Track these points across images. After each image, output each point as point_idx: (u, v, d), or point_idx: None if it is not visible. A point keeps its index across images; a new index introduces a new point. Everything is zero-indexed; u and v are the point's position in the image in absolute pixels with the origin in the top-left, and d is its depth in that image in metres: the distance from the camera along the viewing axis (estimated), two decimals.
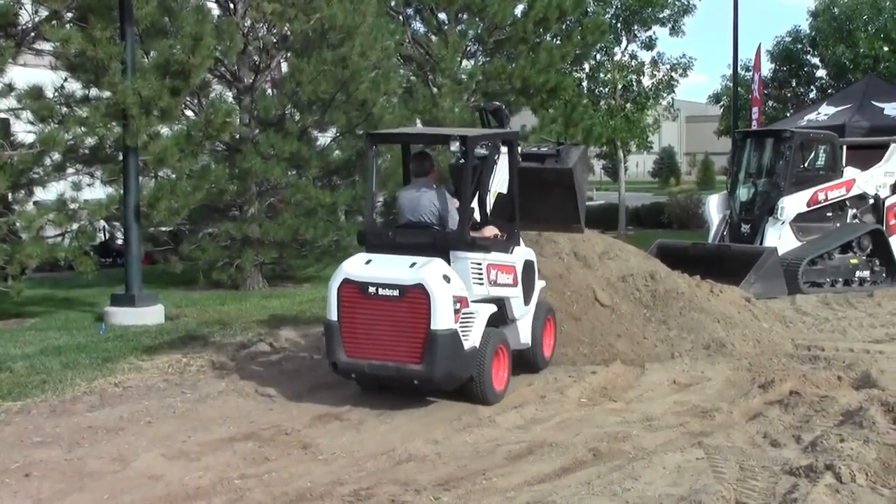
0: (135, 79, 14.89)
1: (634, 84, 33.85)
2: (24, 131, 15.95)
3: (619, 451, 8.14)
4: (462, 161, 10.02)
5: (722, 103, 41.60)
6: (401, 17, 25.04)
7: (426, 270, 9.48)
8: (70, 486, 7.47)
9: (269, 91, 20.45)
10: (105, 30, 14.86)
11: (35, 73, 16.29)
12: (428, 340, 9.38)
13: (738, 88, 31.74)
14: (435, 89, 24.81)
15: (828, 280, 18.88)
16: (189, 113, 19.26)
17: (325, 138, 21.32)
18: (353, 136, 20.18)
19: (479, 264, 9.95)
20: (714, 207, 20.48)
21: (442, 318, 9.38)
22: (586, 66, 32.59)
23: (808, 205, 19.38)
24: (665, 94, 34.86)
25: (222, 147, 19.65)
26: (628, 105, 33.47)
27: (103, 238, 23.68)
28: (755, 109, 31.51)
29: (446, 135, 10.34)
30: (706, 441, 8.33)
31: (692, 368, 11.23)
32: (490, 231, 10.38)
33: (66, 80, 15.84)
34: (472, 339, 9.71)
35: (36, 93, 15.40)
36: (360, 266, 9.82)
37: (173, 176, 17.78)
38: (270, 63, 20.00)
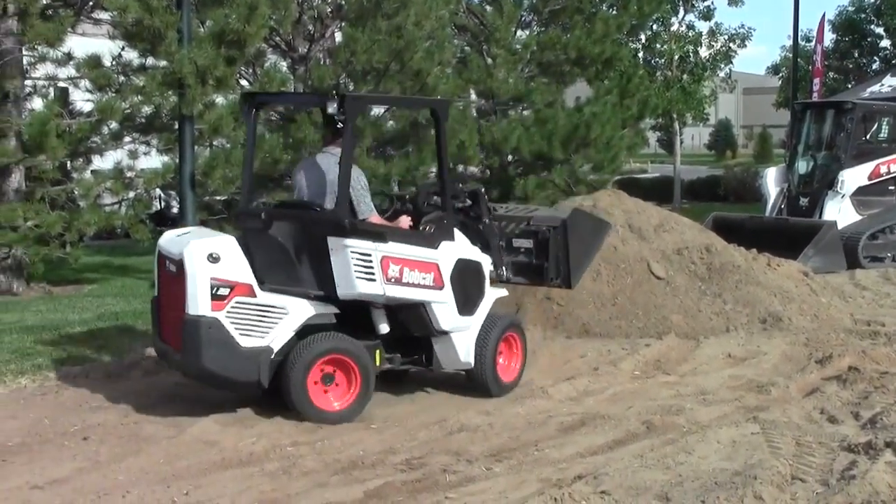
0: (191, 48, 14.91)
1: (691, 55, 33.40)
2: (82, 100, 16.11)
3: (673, 425, 8.07)
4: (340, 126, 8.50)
5: (781, 74, 41.10)
6: None
7: (190, 244, 8.23)
8: (126, 450, 7.56)
9: (324, 60, 20.41)
10: None
11: (93, 42, 16.41)
12: (182, 326, 8.17)
13: (798, 59, 31.25)
14: (489, 60, 24.66)
15: (889, 255, 18.55)
16: (244, 82, 19.29)
17: (378, 108, 21.27)
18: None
19: (367, 255, 8.29)
20: (772, 180, 20.21)
21: (194, 303, 8.08)
22: (642, 37, 32.19)
23: (870, 178, 19.05)
24: (722, 66, 34.41)
25: (276, 116, 19.67)
26: (685, 76, 33.04)
27: (159, 206, 23.85)
28: (816, 81, 30.99)
29: (322, 96, 9.29)
30: (762, 416, 8.23)
31: (748, 342, 11.11)
32: (405, 221, 9.01)
33: (123, 49, 15.93)
34: (263, 339, 8.27)
35: (94, 62, 15.51)
36: (171, 237, 8.87)
37: (228, 145, 17.84)
38: (325, 32, 19.94)
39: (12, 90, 15.18)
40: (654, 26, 32.20)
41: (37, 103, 15.59)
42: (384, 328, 8.78)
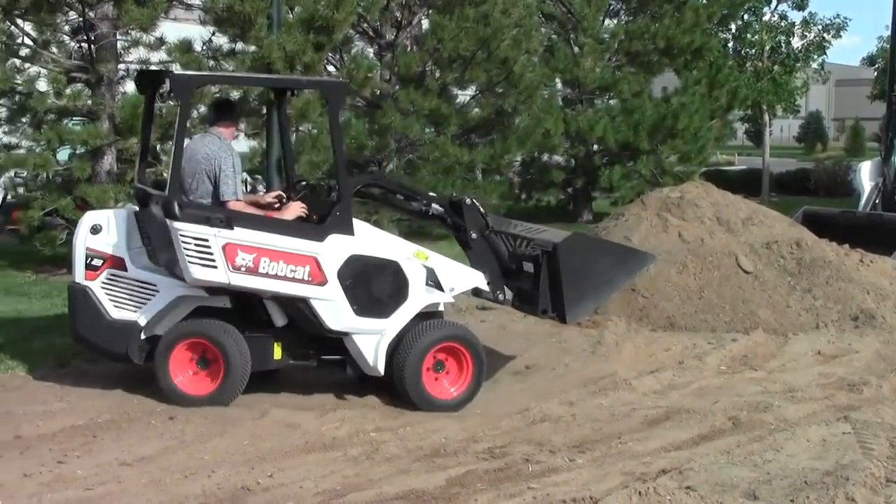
0: (280, 33, 15.04)
1: (783, 45, 32.83)
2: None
3: (760, 422, 7.93)
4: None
5: (877, 66, 40.12)
6: None
7: (85, 215, 8.67)
8: (212, 431, 7.63)
9: (410, 48, 20.44)
10: None
11: (184, 27, 16.62)
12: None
13: None
14: (576, 48, 24.53)
15: None
16: (331, 68, 19.40)
17: (464, 96, 21.26)
18: (492, 94, 20.06)
19: (204, 241, 8.02)
20: (866, 174, 19.71)
21: (74, 271, 8.56)
22: (733, 27, 31.72)
23: None
24: (816, 56, 33.76)
25: (362, 103, 19.76)
26: (776, 67, 32.46)
27: (245, 190, 24.10)
28: None
29: (157, 71, 8.98)
30: (853, 415, 8.04)
31: (839, 340, 10.85)
32: (293, 211, 8.63)
33: (213, 34, 16.12)
34: (134, 314, 8.39)
35: (185, 46, 15.74)
36: None
37: (314, 130, 17.96)
38: (412, 20, 19.97)
39: (106, 74, 15.44)
40: (746, 16, 31.68)
41: (129, 87, 15.81)
42: (279, 321, 8.51)
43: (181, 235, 8.01)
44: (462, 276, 8.89)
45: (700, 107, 24.16)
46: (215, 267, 8.06)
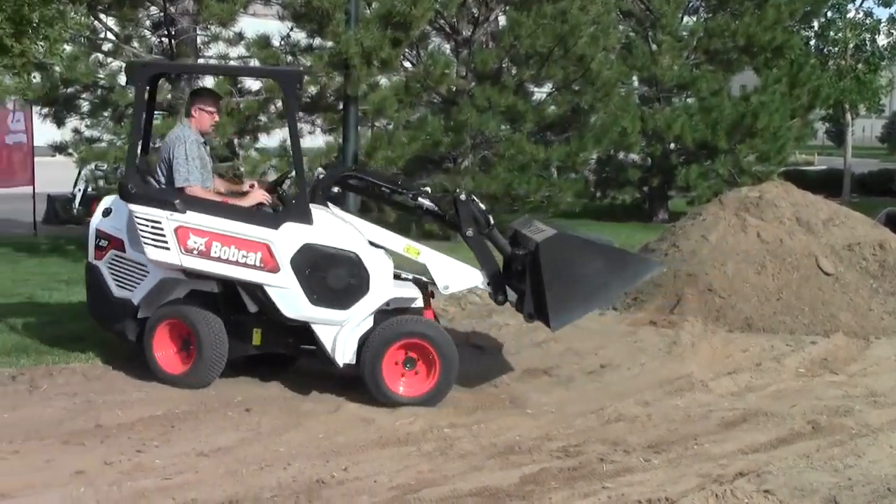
0: (357, 29, 15.11)
1: (868, 43, 32.25)
2: (251, 79, 16.49)
3: (841, 426, 7.78)
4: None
5: None
6: None
7: (103, 200, 9.15)
8: (287, 423, 7.68)
9: (487, 44, 20.43)
10: None
11: (263, 22, 16.77)
12: None
13: None
14: (654, 46, 24.33)
15: None
16: (407, 64, 19.47)
17: (540, 93, 21.20)
18: (569, 92, 19.97)
19: (157, 223, 8.34)
20: None
21: (88, 251, 9.12)
22: (815, 24, 31.26)
23: None
24: None
25: (438, 99, 19.79)
26: (859, 65, 31.91)
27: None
28: None
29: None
30: None
31: None
32: (257, 196, 8.75)
33: (291, 29, 16.27)
34: (130, 293, 8.78)
35: (263, 42, 15.89)
36: None
37: (390, 126, 18.03)
38: (489, 16, 19.96)
39: None
40: (829, 13, 31.19)
41: (208, 82, 16.02)
42: (250, 306, 8.61)
43: (136, 217, 8.44)
44: (458, 274, 8.59)
45: (780, 106, 23.84)
46: (168, 249, 8.38)
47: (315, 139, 17.49)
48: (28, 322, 10.82)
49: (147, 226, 8.39)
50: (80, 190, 21.11)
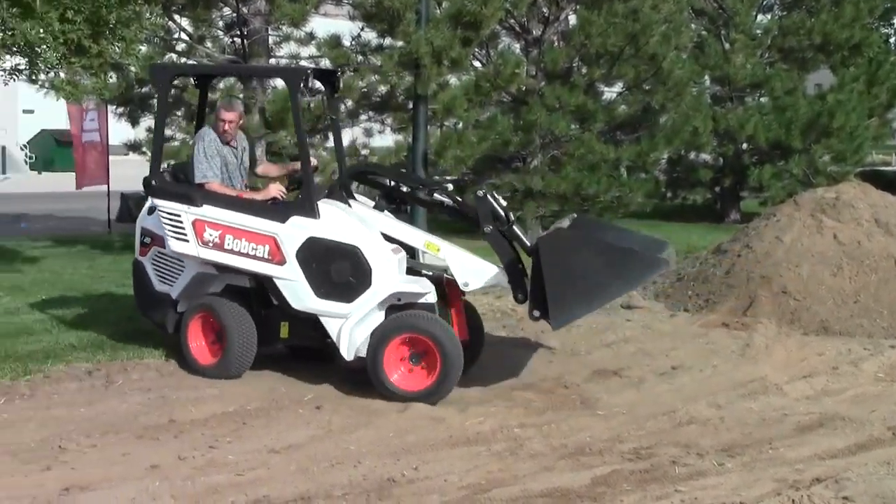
0: (428, 28, 15.13)
1: None
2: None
3: None
4: None
5: None
6: None
7: (149, 199, 9.40)
8: (357, 421, 7.71)
9: (557, 43, 20.34)
10: None
11: (334, 22, 16.86)
12: None
13: None
14: (727, 44, 24.08)
15: None
16: (477, 63, 19.45)
17: (611, 92, 21.07)
18: (640, 91, 19.83)
19: (177, 216, 8.79)
20: None
21: (135, 248, 9.51)
22: (895, 21, 30.69)
23: None
24: None
25: (508, 98, 19.75)
26: None
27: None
28: None
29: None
30: None
31: None
32: (272, 190, 8.93)
33: (362, 29, 16.32)
34: (170, 287, 9.16)
35: (334, 42, 15.98)
36: None
37: (460, 126, 18.02)
38: (559, 15, 19.88)
39: None
40: None
41: (279, 81, 16.14)
42: (273, 299, 8.76)
43: (159, 210, 8.92)
44: (479, 272, 8.52)
45: (857, 104, 23.43)
46: (187, 241, 8.80)
47: (385, 138, 17.56)
48: (104, 318, 11.00)
49: (169, 219, 8.85)
50: None
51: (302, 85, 8.84)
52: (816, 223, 12.15)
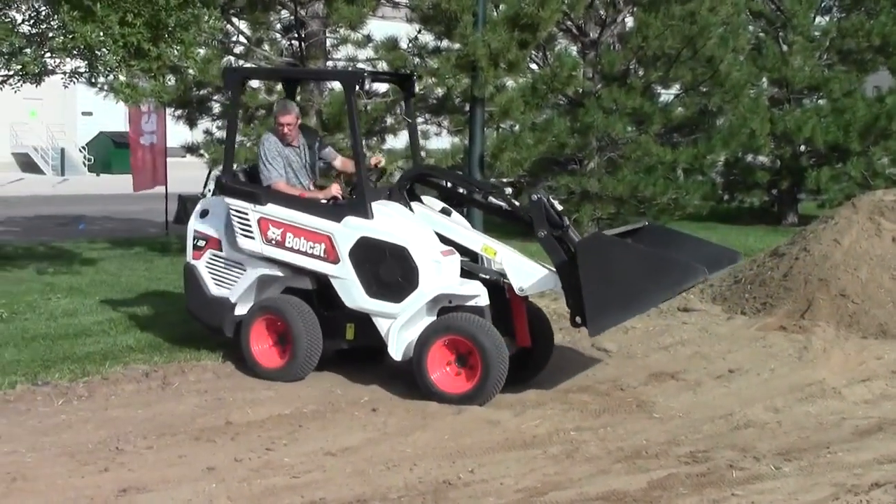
0: (485, 31, 15.14)
1: None
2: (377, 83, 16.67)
3: None
4: None
5: None
6: None
7: (199, 202, 9.83)
8: (413, 424, 7.76)
9: (614, 46, 20.28)
10: None
11: (391, 25, 16.93)
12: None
13: None
14: (785, 47, 23.87)
15: None
16: (534, 66, 19.45)
17: (668, 95, 20.96)
18: (697, 94, 19.73)
19: (244, 214, 9.06)
20: None
21: (186, 251, 9.64)
22: None
23: None
24: None
25: (565, 101, 19.72)
26: None
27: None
28: None
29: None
30: None
31: None
32: (332, 189, 9.07)
33: (419, 31, 16.36)
34: (227, 291, 9.29)
35: (391, 44, 16.05)
36: None
37: (516, 128, 18.01)
38: (616, 17, 19.83)
39: None
40: None
41: (336, 84, 16.24)
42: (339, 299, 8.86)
43: (230, 209, 9.14)
44: (534, 277, 8.47)
45: None
46: (253, 238, 9.03)
47: (441, 140, 17.60)
48: (161, 319, 11.13)
49: (238, 216, 9.10)
50: (209, 190, 21.54)
51: (358, 88, 8.91)
52: (875, 226, 11.98)
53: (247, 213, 9.04)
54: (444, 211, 9.15)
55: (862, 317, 11.06)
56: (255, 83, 16.26)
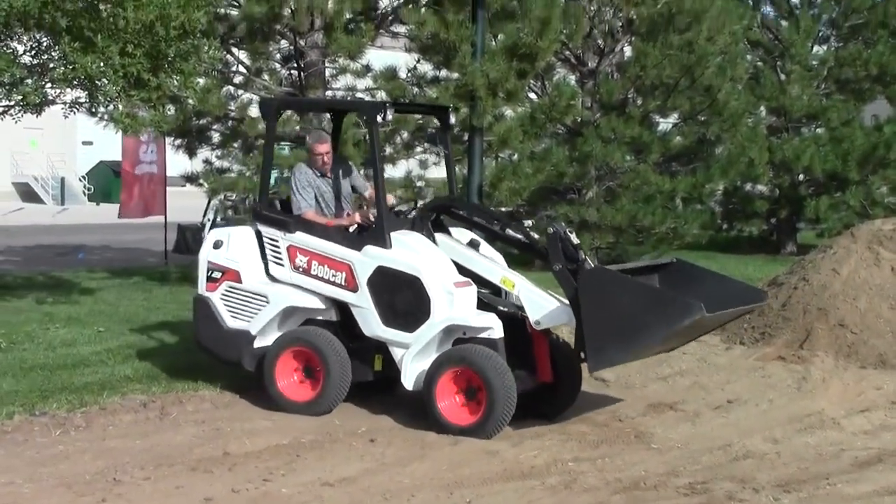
0: (483, 61, 15.20)
1: None
2: None
3: None
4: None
5: None
6: (750, 1, 24.25)
7: (210, 232, 9.83)
8: (411, 454, 7.74)
9: (612, 75, 20.36)
10: (458, 13, 15.30)
11: (390, 54, 17.00)
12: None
13: None
14: (783, 76, 23.97)
15: None
16: (532, 95, 19.50)
17: (666, 124, 21.02)
18: (695, 123, 19.79)
19: (275, 242, 9.12)
20: None
21: (198, 283, 9.46)
22: None
23: None
24: None
25: (563, 130, 19.77)
26: None
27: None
28: None
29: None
30: None
31: None
32: (357, 217, 9.24)
33: (418, 61, 16.44)
34: (246, 323, 9.11)
35: (390, 74, 16.11)
36: None
37: (515, 157, 18.05)
38: (615, 47, 19.90)
39: None
40: None
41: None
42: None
43: (263, 236, 9.20)
44: (549, 310, 8.44)
45: None
46: (283, 266, 9.07)
47: (440, 169, 17.61)
48: (159, 350, 11.13)
49: (269, 244, 9.16)
50: (209, 220, 21.61)
51: (380, 119, 8.99)
52: (874, 255, 11.99)
53: (278, 241, 9.10)
54: (472, 243, 9.13)
55: (861, 347, 11.04)
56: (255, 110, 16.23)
